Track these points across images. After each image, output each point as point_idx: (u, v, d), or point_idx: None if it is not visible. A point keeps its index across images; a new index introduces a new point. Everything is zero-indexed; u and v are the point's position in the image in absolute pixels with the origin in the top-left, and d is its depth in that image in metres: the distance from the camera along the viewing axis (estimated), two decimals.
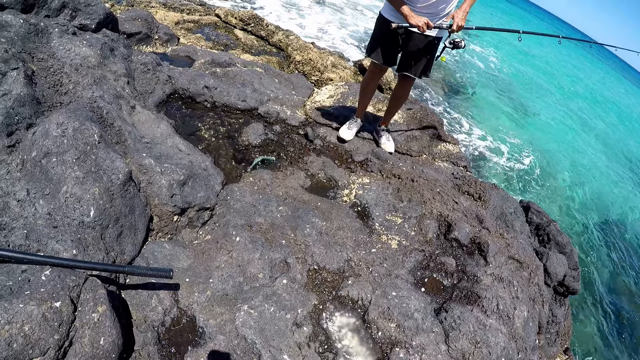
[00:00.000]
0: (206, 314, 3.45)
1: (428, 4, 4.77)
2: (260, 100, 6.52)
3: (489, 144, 18.61)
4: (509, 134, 21.15)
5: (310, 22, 21.99)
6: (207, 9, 15.29)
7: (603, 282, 13.20)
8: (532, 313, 4.37)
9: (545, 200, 16.44)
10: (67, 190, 3.40)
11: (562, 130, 27.54)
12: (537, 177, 17.89)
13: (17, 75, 4.04)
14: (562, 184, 18.72)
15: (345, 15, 27.76)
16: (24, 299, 2.54)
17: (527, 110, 27.67)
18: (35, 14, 5.49)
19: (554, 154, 21.69)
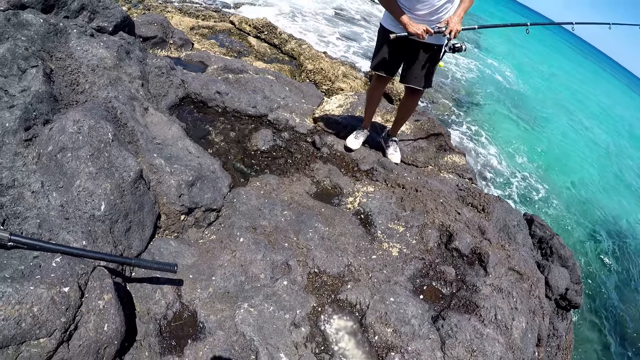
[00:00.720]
0: (207, 309, 3.54)
1: (427, 12, 4.84)
2: (270, 107, 6.63)
3: (496, 157, 18.61)
4: (517, 148, 21.11)
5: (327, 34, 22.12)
6: (222, 16, 15.42)
7: (607, 296, 13.14)
8: (531, 325, 4.38)
9: (549, 214, 16.42)
10: (80, 185, 3.52)
11: (572, 145, 27.45)
12: (542, 191, 17.85)
13: (36, 73, 4.16)
14: (568, 198, 18.69)
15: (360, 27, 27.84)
16: (35, 282, 2.65)
17: (538, 124, 27.62)
18: (55, 14, 5.58)
19: (561, 169, 21.65)
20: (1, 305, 2.45)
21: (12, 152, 3.47)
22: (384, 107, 7.89)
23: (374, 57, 5.52)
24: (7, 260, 2.81)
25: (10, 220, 3.15)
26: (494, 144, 20.02)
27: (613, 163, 28.22)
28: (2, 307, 2.45)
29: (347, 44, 21.43)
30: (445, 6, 4.83)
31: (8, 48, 4.21)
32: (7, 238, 2.78)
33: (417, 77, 5.39)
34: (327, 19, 25.45)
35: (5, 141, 3.48)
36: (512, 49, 48.78)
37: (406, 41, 5.03)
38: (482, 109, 24.57)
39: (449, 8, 4.87)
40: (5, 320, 2.42)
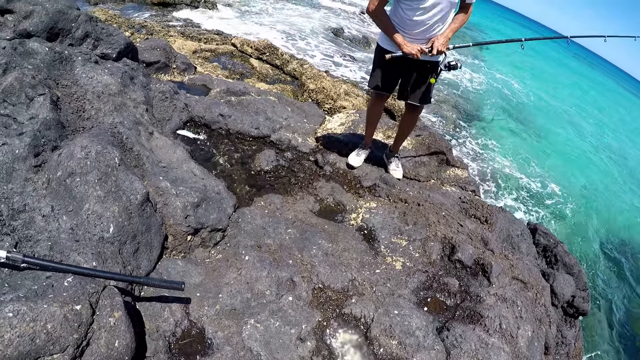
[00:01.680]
0: (215, 326, 3.61)
1: (420, 31, 4.94)
2: (272, 128, 6.72)
3: (502, 167, 18.65)
4: (523, 158, 21.15)
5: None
6: (223, 38, 15.53)
7: (615, 303, 13.10)
8: (537, 333, 4.39)
9: (554, 223, 16.42)
10: (89, 208, 3.63)
11: (578, 154, 27.45)
12: (546, 201, 17.87)
13: (43, 101, 4.28)
14: (572, 207, 18.65)
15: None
16: (48, 300, 2.75)
17: (543, 134, 27.62)
18: (59, 42, 5.69)
19: (566, 178, 21.64)
20: (17, 322, 2.54)
21: (22, 177, 3.57)
22: (385, 124, 7.97)
23: (371, 76, 5.62)
24: (21, 280, 2.92)
25: (22, 243, 3.24)
26: (500, 154, 20.09)
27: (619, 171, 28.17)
28: (18, 325, 2.53)
29: (347, 63, 21.53)
30: (437, 25, 4.92)
31: (16, 77, 4.30)
32: (21, 259, 2.89)
33: (415, 94, 5.48)
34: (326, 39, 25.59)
35: (16, 167, 3.57)
36: (516, 61, 48.79)
37: (402, 59, 5.11)
38: (487, 120, 24.67)
39: (440, 27, 4.97)
40: (21, 337, 2.51)
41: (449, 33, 4.97)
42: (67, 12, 5.79)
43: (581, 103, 45.38)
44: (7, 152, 3.58)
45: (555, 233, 9.38)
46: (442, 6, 4.75)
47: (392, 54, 5.00)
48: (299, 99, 11.39)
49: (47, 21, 5.55)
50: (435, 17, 4.83)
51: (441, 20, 4.90)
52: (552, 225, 16.30)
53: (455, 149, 16.50)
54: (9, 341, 2.48)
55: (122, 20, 15.69)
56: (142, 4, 21.64)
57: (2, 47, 4.80)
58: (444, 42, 4.92)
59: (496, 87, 33.59)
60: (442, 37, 4.92)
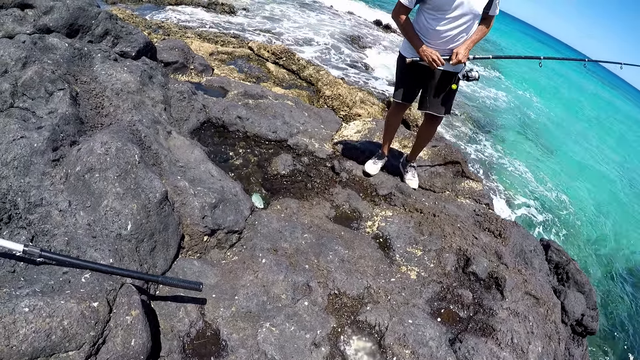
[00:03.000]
0: (230, 328, 3.59)
1: (443, 41, 4.95)
2: (290, 133, 6.73)
3: (513, 183, 18.57)
4: (535, 175, 21.00)
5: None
6: (240, 41, 15.57)
7: (622, 323, 13.00)
8: (547, 349, 4.36)
9: (566, 241, 16.34)
10: (108, 204, 3.62)
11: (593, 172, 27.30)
12: (559, 218, 17.77)
13: (63, 96, 4.30)
14: (586, 225, 18.53)
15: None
16: (65, 296, 2.74)
17: (556, 152, 27.46)
18: (79, 38, 5.72)
19: (579, 196, 21.51)
20: (32, 317, 2.53)
21: (40, 171, 3.57)
22: (402, 133, 7.95)
23: (396, 86, 5.60)
24: (37, 275, 2.92)
25: (38, 237, 3.24)
26: (513, 168, 19.98)
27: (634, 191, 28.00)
28: (34, 320, 2.52)
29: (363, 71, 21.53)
30: (461, 36, 4.93)
31: (36, 71, 4.34)
32: (38, 254, 2.88)
33: (435, 104, 5.45)
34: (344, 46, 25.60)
35: (34, 161, 3.57)
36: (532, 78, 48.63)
37: (424, 68, 5.12)
38: (501, 134, 24.55)
39: (464, 38, 4.97)
40: (36, 332, 2.50)
41: (469, 44, 4.98)
42: (88, 9, 5.83)
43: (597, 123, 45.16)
44: (26, 145, 3.58)
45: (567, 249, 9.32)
46: (467, 17, 4.75)
47: (413, 58, 5.01)
48: (315, 104, 11.39)
49: (67, 17, 5.59)
50: (459, 27, 4.84)
51: (465, 31, 4.90)
52: (563, 240, 16.21)
53: (470, 161, 16.45)
54: (24, 337, 2.47)
55: (140, 19, 15.76)
56: (159, 5, 21.72)
57: (22, 41, 4.83)
58: (465, 52, 4.92)
59: (511, 102, 33.41)
60: (463, 48, 4.91)
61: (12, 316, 2.48)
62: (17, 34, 5.06)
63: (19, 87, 4.22)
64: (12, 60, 4.68)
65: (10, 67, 4.67)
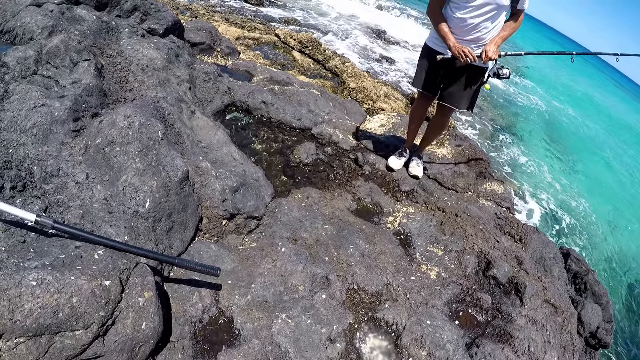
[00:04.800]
0: (244, 317, 3.53)
1: (466, 29, 4.84)
2: (314, 121, 6.66)
3: (535, 188, 18.42)
4: (559, 180, 20.86)
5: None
6: (267, 28, 15.49)
7: (634, 338, 12.89)
8: None
9: (585, 250, 16.16)
10: (126, 180, 3.55)
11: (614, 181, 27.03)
12: (580, 226, 17.59)
13: (87, 66, 4.28)
14: (606, 235, 18.32)
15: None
16: (76, 272, 2.66)
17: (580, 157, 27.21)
18: (107, 12, 5.73)
19: (600, 205, 21.30)
20: (39, 292, 2.45)
21: (59, 141, 3.53)
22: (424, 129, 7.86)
23: (416, 75, 5.51)
24: (48, 247, 2.84)
25: (52, 208, 3.18)
26: (534, 172, 19.82)
27: None
28: (41, 295, 2.44)
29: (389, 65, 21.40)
30: (483, 25, 4.81)
31: (62, 39, 4.32)
32: (51, 225, 2.80)
33: (456, 97, 5.37)
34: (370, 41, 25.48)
35: (53, 130, 3.54)
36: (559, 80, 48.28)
37: (449, 61, 5.02)
38: (524, 136, 24.31)
39: (488, 29, 4.84)
40: (43, 308, 2.42)
41: (498, 40, 4.87)
42: None
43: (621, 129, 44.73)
44: (46, 113, 3.56)
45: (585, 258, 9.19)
46: (491, 7, 4.64)
47: (443, 56, 4.90)
48: (339, 96, 11.28)
49: None
50: (482, 16, 4.73)
51: (489, 20, 4.77)
52: (582, 247, 16.05)
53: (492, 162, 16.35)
54: (29, 311, 2.39)
55: (167, 0, 15.70)
56: None
57: (49, 10, 4.86)
58: (495, 49, 4.82)
59: (536, 104, 33.15)
60: (492, 44, 4.82)
61: (18, 289, 2.41)
62: (45, 3, 5.05)
63: (43, 55, 4.19)
64: (39, 27, 4.70)
65: (36, 34, 4.69)
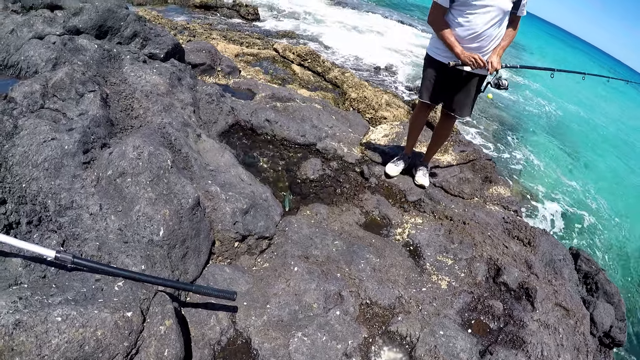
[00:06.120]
0: (261, 337, 3.56)
1: (470, 37, 4.84)
2: (318, 136, 6.69)
3: (541, 189, 18.37)
4: (565, 181, 20.78)
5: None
6: (265, 43, 15.54)
7: None
8: None
9: (597, 249, 16.09)
10: (140, 210, 3.59)
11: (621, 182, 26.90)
12: (588, 227, 17.52)
13: (94, 97, 4.32)
14: (617, 233, 18.26)
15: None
16: (98, 305, 2.70)
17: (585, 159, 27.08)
18: (108, 40, 5.77)
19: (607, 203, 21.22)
20: (65, 327, 2.49)
21: (70, 174, 3.55)
22: (428, 137, 7.87)
23: (422, 87, 5.52)
24: (69, 282, 2.88)
25: (69, 241, 3.22)
26: (539, 174, 19.77)
27: None
28: (67, 330, 2.49)
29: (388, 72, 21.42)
30: (488, 33, 4.83)
31: (66, 72, 4.35)
32: (70, 260, 2.84)
33: (461, 105, 5.43)
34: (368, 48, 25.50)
35: (65, 163, 3.56)
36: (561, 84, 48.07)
37: (454, 71, 5.08)
38: (528, 139, 24.21)
39: (491, 37, 4.88)
40: (69, 342, 2.46)
41: (500, 51, 4.96)
42: (117, 11, 5.89)
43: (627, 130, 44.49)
44: (56, 147, 3.57)
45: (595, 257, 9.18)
46: (495, 14, 4.68)
47: (456, 62, 4.90)
48: (340, 107, 11.32)
49: (96, 19, 5.66)
50: (486, 24, 4.75)
51: (493, 27, 4.80)
52: (590, 245, 15.99)
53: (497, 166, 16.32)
54: (56, 347, 2.43)
55: (165, 21, 15.76)
56: (183, 7, 21.73)
57: (52, 42, 4.89)
58: (499, 60, 4.91)
59: (538, 107, 32.99)
60: (495, 55, 4.91)
61: (45, 325, 2.45)
62: (47, 35, 5.11)
63: (49, 88, 4.22)
64: (43, 60, 4.74)
65: (41, 67, 4.73)
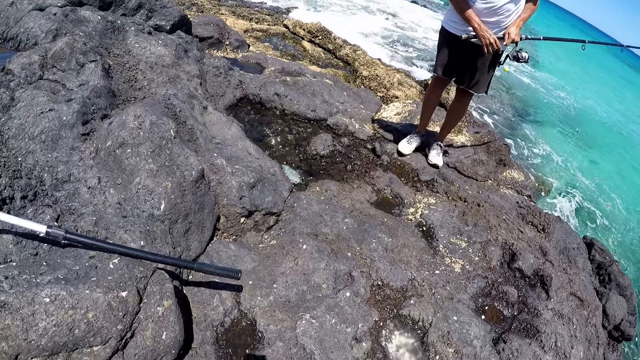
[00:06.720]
0: (267, 318, 3.43)
1: (489, 11, 4.69)
2: (329, 112, 6.54)
3: (555, 174, 18.18)
4: (580, 167, 20.58)
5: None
6: (275, 19, 15.40)
7: None
8: (587, 355, 4.22)
9: (608, 239, 15.91)
10: (140, 182, 3.45)
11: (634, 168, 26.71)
12: (602, 215, 17.33)
13: (94, 68, 4.20)
14: (629, 224, 18.12)
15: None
16: (91, 285, 2.54)
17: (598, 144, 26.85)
18: (112, 11, 5.70)
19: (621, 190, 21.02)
20: (54, 309, 2.34)
21: (68, 146, 3.45)
22: (442, 116, 7.70)
23: (436, 61, 5.41)
24: (61, 259, 2.73)
25: (65, 216, 3.10)
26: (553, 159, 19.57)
27: None
28: (55, 312, 2.34)
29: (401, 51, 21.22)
30: (507, 7, 4.67)
31: (67, 42, 4.26)
32: (62, 235, 2.70)
33: (474, 81, 5.26)
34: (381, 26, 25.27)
35: (62, 135, 3.46)
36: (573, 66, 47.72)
37: (468, 45, 4.93)
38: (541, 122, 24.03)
39: (511, 10, 4.70)
40: (57, 326, 2.32)
41: (520, 22, 4.79)
42: None
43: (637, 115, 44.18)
44: (54, 118, 3.47)
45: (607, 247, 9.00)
46: None
47: (468, 34, 4.76)
48: (352, 84, 11.15)
49: None
50: None
51: (512, 2, 4.64)
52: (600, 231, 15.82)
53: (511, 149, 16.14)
54: (43, 330, 2.29)
55: None
56: None
57: (52, 14, 4.87)
58: (517, 31, 4.73)
59: (550, 90, 32.74)
60: (514, 27, 4.73)
61: (31, 307, 2.30)
62: (48, 7, 5.05)
63: (48, 59, 4.14)
64: (43, 32, 4.71)
65: (41, 39, 4.70)
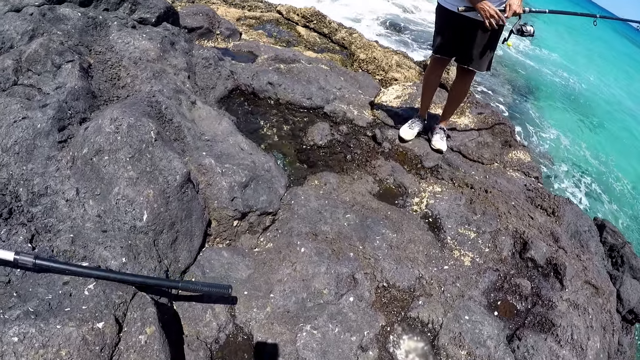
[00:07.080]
0: (265, 332, 3.24)
1: None
2: (326, 99, 6.31)
3: (561, 154, 17.96)
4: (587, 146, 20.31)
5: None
6: (268, 6, 15.20)
7: None
8: (603, 344, 4.08)
9: (618, 220, 15.67)
10: (119, 192, 3.24)
11: None
12: (611, 197, 17.12)
13: (71, 68, 4.03)
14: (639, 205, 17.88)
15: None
16: (63, 318, 2.33)
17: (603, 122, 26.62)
18: (94, 7, 5.58)
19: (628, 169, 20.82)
20: (22, 349, 2.14)
21: (44, 155, 3.28)
22: (444, 98, 7.46)
23: (434, 40, 5.18)
24: (33, 287, 2.51)
25: (40, 235, 2.90)
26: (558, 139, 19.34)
27: None
28: (25, 352, 2.14)
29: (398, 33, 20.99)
30: None
31: (41, 43, 4.12)
32: (31, 262, 2.48)
33: (474, 58, 4.99)
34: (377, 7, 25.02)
35: (37, 144, 3.29)
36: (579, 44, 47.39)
37: (466, 20, 4.66)
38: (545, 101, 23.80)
39: None
40: None
41: None
42: None
43: None
44: (28, 127, 3.30)
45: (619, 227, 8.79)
46: None
47: (466, 7, 4.48)
48: (349, 69, 10.95)
49: None
50: None
51: None
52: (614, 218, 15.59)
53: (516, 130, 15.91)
54: None
55: None
56: None
57: (29, 14, 4.66)
58: (520, 2, 4.42)
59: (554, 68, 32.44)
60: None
61: None
62: (25, 7, 4.85)
63: (23, 63, 3.99)
64: (18, 34, 4.48)
65: (16, 41, 4.47)
